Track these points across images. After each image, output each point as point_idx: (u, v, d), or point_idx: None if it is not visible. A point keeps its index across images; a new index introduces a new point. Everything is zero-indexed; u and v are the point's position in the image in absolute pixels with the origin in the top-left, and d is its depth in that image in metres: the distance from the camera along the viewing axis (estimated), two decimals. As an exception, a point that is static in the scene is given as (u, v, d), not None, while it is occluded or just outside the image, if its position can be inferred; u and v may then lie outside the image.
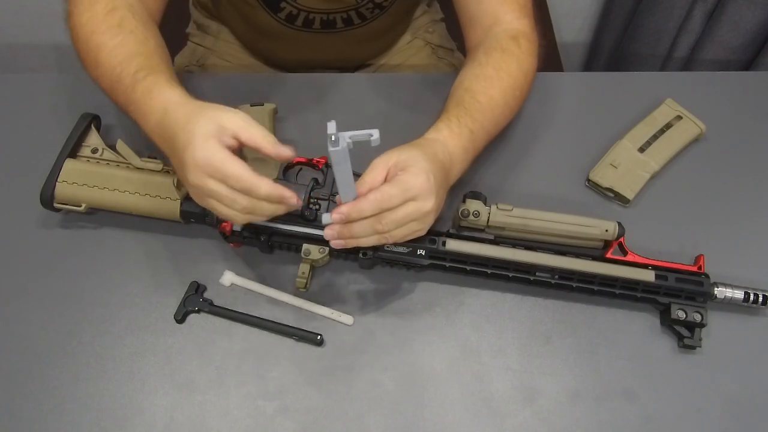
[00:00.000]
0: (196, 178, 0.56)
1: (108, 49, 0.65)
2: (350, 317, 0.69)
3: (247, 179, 0.56)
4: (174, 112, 0.60)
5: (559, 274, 0.69)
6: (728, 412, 0.66)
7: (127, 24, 0.67)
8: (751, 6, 1.21)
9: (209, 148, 0.56)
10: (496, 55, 0.74)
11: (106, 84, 0.66)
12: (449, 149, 0.66)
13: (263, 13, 0.88)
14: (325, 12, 0.88)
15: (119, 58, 0.64)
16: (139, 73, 0.63)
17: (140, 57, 0.65)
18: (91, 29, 0.67)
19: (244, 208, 0.57)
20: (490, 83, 0.72)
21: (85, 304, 0.70)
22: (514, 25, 0.76)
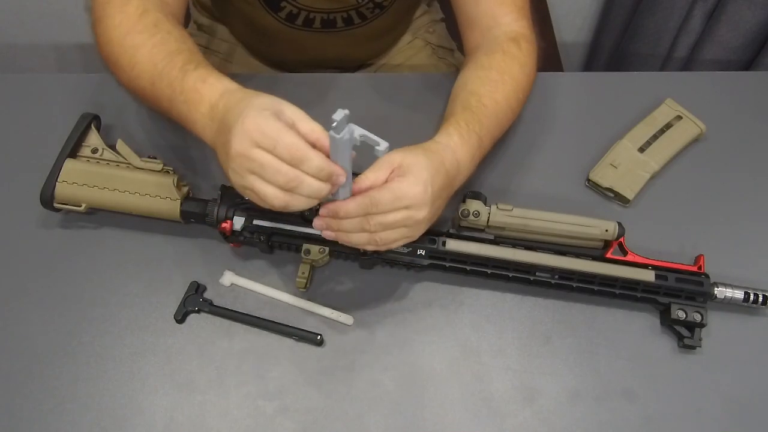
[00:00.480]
0: (241, 145, 0.52)
1: (148, 47, 0.64)
2: (350, 317, 0.69)
3: (302, 147, 0.52)
4: (233, 94, 0.58)
5: (559, 274, 0.69)
6: (728, 412, 0.66)
7: (163, 24, 0.66)
8: (751, 6, 1.20)
9: (264, 117, 0.53)
10: (498, 57, 0.74)
11: (145, 82, 0.65)
12: (458, 156, 0.65)
13: (263, 13, 0.88)
14: (326, 11, 0.88)
15: (161, 55, 0.63)
16: (188, 65, 0.62)
17: (185, 53, 0.64)
18: (126, 30, 0.66)
19: (289, 181, 0.52)
20: (494, 87, 0.72)
21: (85, 304, 0.70)
22: (513, 27, 0.77)
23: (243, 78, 0.89)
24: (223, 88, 0.60)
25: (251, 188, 0.54)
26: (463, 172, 0.67)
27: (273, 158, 0.52)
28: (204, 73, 0.61)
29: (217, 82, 0.61)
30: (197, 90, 0.60)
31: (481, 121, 0.69)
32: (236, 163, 0.54)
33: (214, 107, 0.59)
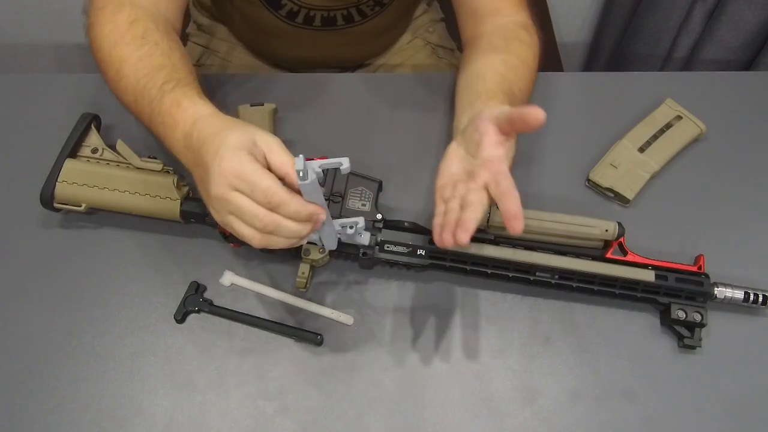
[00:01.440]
0: (219, 189, 0.53)
1: (133, 61, 0.64)
2: (350, 317, 0.69)
3: (278, 191, 0.52)
4: (205, 122, 0.57)
5: (559, 274, 0.69)
6: (728, 412, 0.66)
7: (151, 35, 0.65)
8: (751, 6, 1.20)
9: (239, 157, 0.52)
10: (516, 44, 0.74)
11: (129, 96, 0.64)
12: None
13: (264, 11, 0.88)
14: (326, 9, 0.88)
15: (145, 70, 0.63)
16: (166, 85, 0.61)
17: (167, 69, 0.63)
18: (114, 41, 0.65)
19: (265, 225, 0.53)
20: (518, 75, 0.72)
21: (85, 304, 0.70)
22: (517, 17, 0.77)
23: (243, 78, 0.90)
24: (195, 114, 0.59)
25: (231, 227, 0.55)
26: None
27: (250, 203, 0.52)
28: (179, 95, 0.60)
29: (190, 107, 0.59)
30: (171, 115, 0.60)
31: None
32: (216, 204, 0.55)
33: (188, 136, 0.58)
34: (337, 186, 0.70)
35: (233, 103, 0.78)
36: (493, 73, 0.71)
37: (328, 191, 0.70)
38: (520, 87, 0.71)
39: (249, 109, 0.77)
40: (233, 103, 0.78)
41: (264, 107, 0.77)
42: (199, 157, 0.56)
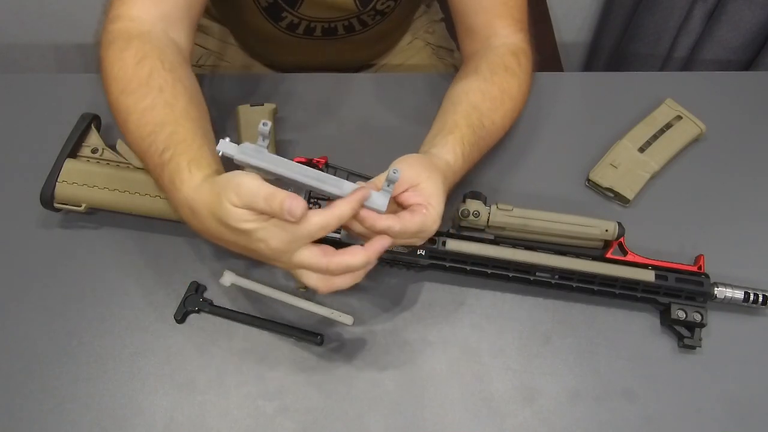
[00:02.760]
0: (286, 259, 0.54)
1: (137, 114, 0.61)
2: (350, 317, 0.69)
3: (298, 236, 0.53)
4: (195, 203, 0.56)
5: (559, 274, 0.69)
6: (728, 412, 0.66)
7: (156, 80, 0.62)
8: (751, 6, 1.21)
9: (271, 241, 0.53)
10: (500, 73, 0.74)
11: (136, 149, 0.63)
12: (457, 177, 0.68)
13: (264, 22, 0.88)
14: (327, 20, 0.88)
15: (147, 129, 0.61)
16: (165, 154, 0.59)
17: (168, 128, 0.60)
18: (121, 87, 0.63)
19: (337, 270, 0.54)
20: (494, 105, 0.72)
21: (85, 304, 0.70)
22: (512, 40, 0.77)
23: (243, 78, 0.90)
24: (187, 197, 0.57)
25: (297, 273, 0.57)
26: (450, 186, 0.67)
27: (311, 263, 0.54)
28: (173, 170, 0.58)
29: (182, 187, 0.57)
30: (173, 195, 0.59)
31: (479, 144, 0.70)
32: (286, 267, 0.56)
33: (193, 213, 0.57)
34: (337, 186, 0.70)
35: (233, 103, 0.78)
36: (467, 104, 0.71)
37: (328, 191, 0.70)
38: (494, 119, 0.72)
39: (249, 109, 0.77)
40: (233, 103, 0.78)
41: (264, 107, 0.77)
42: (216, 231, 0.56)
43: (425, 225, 0.59)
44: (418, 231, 0.58)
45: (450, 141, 0.68)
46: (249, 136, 0.75)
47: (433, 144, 0.68)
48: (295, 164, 0.55)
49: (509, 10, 0.77)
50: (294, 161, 0.55)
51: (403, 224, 0.57)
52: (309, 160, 0.72)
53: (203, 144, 0.60)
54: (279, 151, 0.76)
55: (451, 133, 0.68)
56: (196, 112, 0.64)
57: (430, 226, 0.59)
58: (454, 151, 0.67)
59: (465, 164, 0.68)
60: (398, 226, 0.57)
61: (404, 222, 0.57)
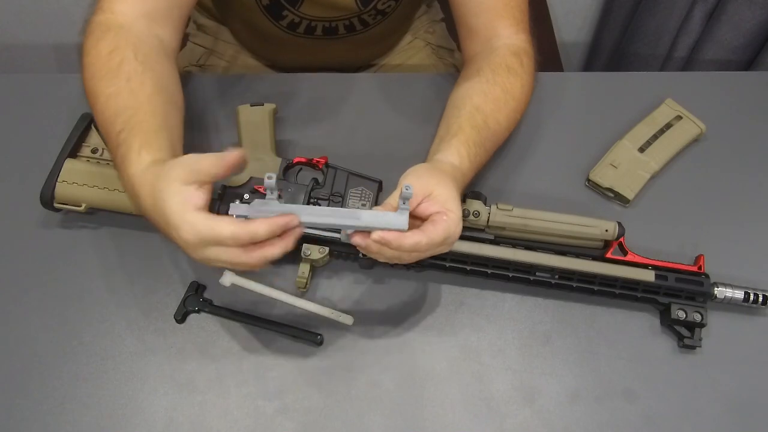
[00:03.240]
0: (196, 254, 0.55)
1: (103, 98, 0.64)
2: (350, 317, 0.69)
3: (241, 232, 0.53)
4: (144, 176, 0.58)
5: (559, 274, 0.69)
6: (728, 412, 0.66)
7: (125, 68, 0.64)
8: (751, 6, 1.21)
9: (190, 222, 0.53)
10: (502, 74, 0.74)
11: (102, 134, 0.66)
12: (466, 179, 0.68)
13: (265, 20, 0.88)
14: (327, 20, 0.88)
15: (110, 111, 0.63)
16: (121, 134, 0.61)
17: (127, 112, 0.62)
18: (92, 72, 0.65)
19: (255, 263, 0.54)
20: (498, 106, 0.73)
21: (85, 304, 0.70)
22: (513, 41, 0.77)
23: (243, 78, 0.90)
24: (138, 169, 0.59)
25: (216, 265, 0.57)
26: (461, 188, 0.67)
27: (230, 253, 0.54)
28: (126, 149, 0.60)
29: (135, 162, 0.59)
30: (122, 168, 0.61)
31: (485, 145, 0.71)
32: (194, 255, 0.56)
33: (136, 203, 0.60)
34: (337, 186, 0.70)
35: (233, 103, 0.78)
36: (470, 106, 0.72)
37: (328, 191, 0.70)
38: (498, 119, 0.72)
39: (249, 109, 0.77)
40: (233, 103, 0.78)
41: (264, 107, 0.77)
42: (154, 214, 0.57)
43: (449, 231, 0.58)
44: (445, 239, 0.58)
45: (454, 144, 0.68)
46: (249, 136, 0.75)
47: (438, 150, 0.68)
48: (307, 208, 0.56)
49: (510, 10, 0.77)
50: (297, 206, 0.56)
51: (429, 237, 0.57)
52: (309, 160, 0.72)
53: (159, 130, 0.62)
54: (279, 151, 0.76)
55: (455, 137, 0.68)
56: (161, 100, 0.65)
57: (454, 231, 0.59)
58: (459, 153, 0.67)
59: (472, 165, 0.68)
60: (425, 240, 0.57)
61: (430, 234, 0.57)
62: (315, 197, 0.69)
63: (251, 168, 0.72)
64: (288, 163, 0.72)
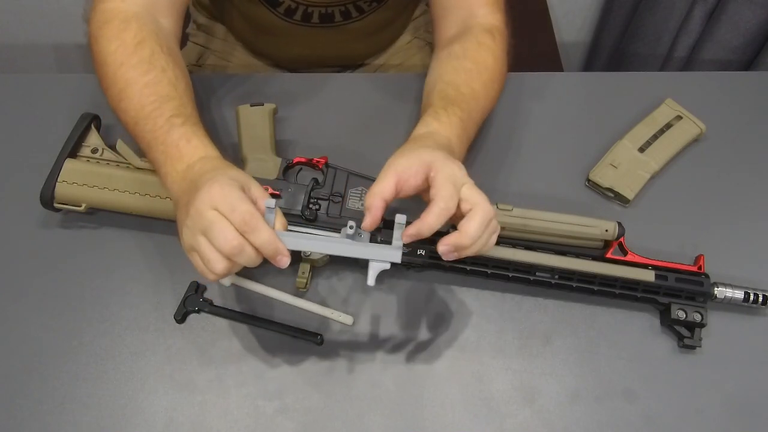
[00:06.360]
0: (200, 205, 0.54)
1: (139, 86, 0.64)
2: (350, 317, 0.69)
3: (256, 217, 0.53)
4: (210, 160, 0.61)
5: (559, 274, 0.69)
6: (728, 412, 0.66)
7: (158, 60, 0.66)
8: (751, 6, 1.21)
9: (230, 185, 0.54)
10: (472, 48, 0.74)
11: (129, 118, 0.65)
12: (445, 136, 0.65)
13: (262, 8, 0.88)
14: (323, 5, 0.88)
15: (152, 98, 0.64)
16: (175, 119, 0.63)
17: (174, 101, 0.64)
18: (120, 61, 0.65)
19: (232, 247, 0.53)
20: (470, 76, 0.72)
21: (85, 304, 0.70)
22: (488, 20, 0.77)
23: (243, 78, 0.90)
24: (204, 153, 0.62)
25: (198, 249, 0.55)
26: (455, 151, 0.66)
27: (224, 222, 0.53)
28: (189, 132, 0.62)
29: (200, 146, 0.62)
30: (179, 148, 0.61)
31: (460, 105, 0.69)
32: (192, 221, 0.55)
33: (190, 168, 0.60)
34: (337, 186, 0.70)
35: (233, 103, 0.78)
36: (442, 83, 0.71)
37: (328, 191, 0.70)
38: (473, 87, 0.71)
39: (249, 109, 0.77)
40: (233, 103, 0.78)
41: (264, 107, 0.77)
42: (192, 185, 0.57)
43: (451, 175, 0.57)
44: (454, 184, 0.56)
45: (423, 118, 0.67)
46: (249, 136, 0.75)
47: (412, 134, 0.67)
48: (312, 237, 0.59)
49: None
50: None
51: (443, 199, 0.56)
52: (309, 160, 0.72)
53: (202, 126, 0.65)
54: (279, 151, 0.76)
55: (425, 114, 0.68)
56: (191, 96, 0.68)
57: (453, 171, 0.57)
58: (424, 122, 0.66)
59: (446, 123, 0.66)
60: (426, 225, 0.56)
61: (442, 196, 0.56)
62: (315, 197, 0.69)
63: (251, 168, 0.72)
64: (288, 163, 0.72)
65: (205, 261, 0.54)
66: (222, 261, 0.54)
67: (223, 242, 0.53)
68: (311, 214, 0.68)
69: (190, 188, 0.57)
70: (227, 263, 0.54)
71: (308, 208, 0.68)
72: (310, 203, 0.69)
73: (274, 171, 0.71)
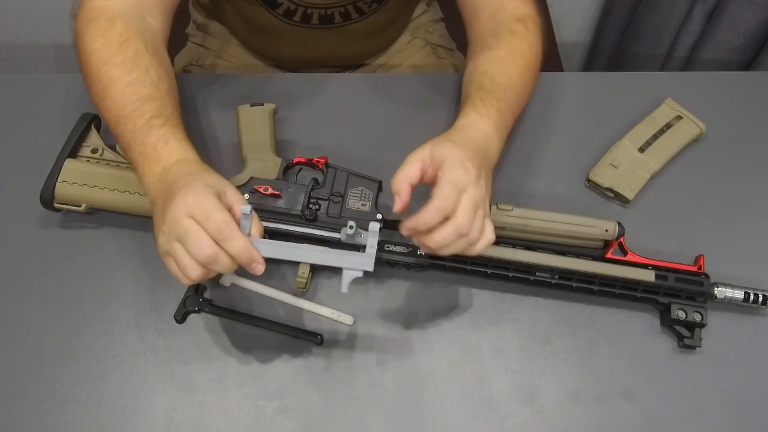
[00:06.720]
0: (176, 213, 0.54)
1: (121, 85, 0.64)
2: (350, 317, 0.69)
3: (231, 225, 0.54)
4: (187, 164, 0.61)
5: (559, 274, 0.69)
6: (728, 412, 0.66)
7: (142, 60, 0.66)
8: (751, 6, 1.21)
9: (206, 193, 0.55)
10: (506, 37, 0.74)
11: (111, 116, 0.65)
12: (482, 130, 0.66)
13: (261, 10, 0.88)
14: (323, 7, 0.88)
15: (133, 98, 0.64)
16: (155, 119, 0.63)
17: (155, 102, 0.64)
18: (104, 59, 0.66)
19: (206, 257, 0.54)
20: (505, 65, 0.72)
21: (85, 304, 0.70)
22: (519, 9, 0.76)
23: (243, 78, 0.90)
24: (181, 155, 0.62)
25: (173, 255, 0.56)
26: (492, 143, 0.66)
27: (199, 230, 0.54)
28: (168, 133, 0.63)
29: (177, 148, 0.62)
30: (156, 149, 0.62)
31: (496, 95, 0.69)
32: (168, 227, 0.55)
33: (167, 170, 0.61)
34: (337, 186, 0.70)
35: (233, 103, 0.78)
36: (478, 75, 0.72)
37: (328, 191, 0.70)
38: (509, 75, 0.71)
39: (249, 109, 0.77)
40: (233, 103, 0.78)
41: (264, 107, 0.77)
42: (168, 189, 0.58)
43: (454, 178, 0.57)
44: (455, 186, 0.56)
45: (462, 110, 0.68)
46: (249, 136, 0.75)
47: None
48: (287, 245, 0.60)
49: None
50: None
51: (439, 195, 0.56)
52: (309, 160, 0.72)
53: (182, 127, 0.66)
54: (279, 151, 0.76)
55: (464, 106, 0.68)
56: (175, 96, 0.68)
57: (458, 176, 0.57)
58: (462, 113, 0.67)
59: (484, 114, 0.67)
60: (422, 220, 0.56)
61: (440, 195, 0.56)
62: (315, 197, 0.69)
63: (251, 168, 0.72)
64: (288, 163, 0.72)
65: (181, 267, 0.56)
66: (197, 268, 0.55)
67: (198, 251, 0.54)
68: (311, 214, 0.68)
69: (167, 192, 0.58)
70: (202, 270, 0.55)
71: (308, 208, 0.68)
72: (310, 203, 0.69)
73: (274, 171, 0.71)
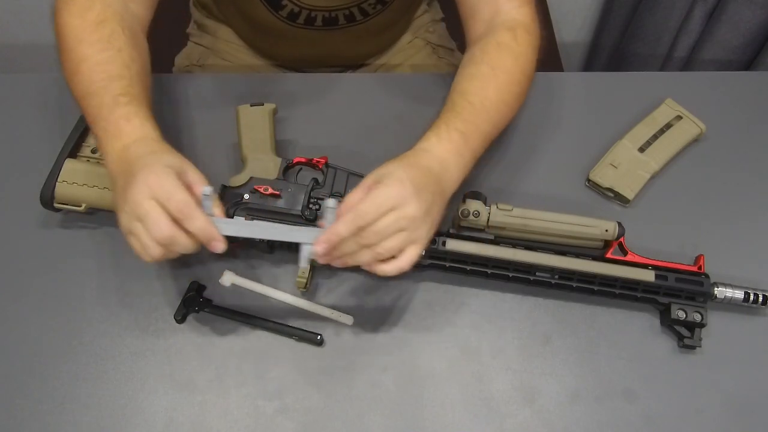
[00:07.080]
0: (137, 194, 0.56)
1: (92, 62, 0.66)
2: (350, 317, 0.69)
3: (191, 206, 0.56)
4: (147, 142, 0.62)
5: (559, 274, 0.69)
6: (728, 412, 0.66)
7: (116, 40, 0.67)
8: (751, 6, 1.21)
9: (166, 173, 0.57)
10: (491, 50, 0.73)
11: (79, 92, 0.66)
12: (437, 154, 0.65)
13: (264, 11, 0.88)
14: (327, 9, 0.88)
15: (102, 75, 0.65)
16: (121, 97, 0.64)
17: (123, 81, 0.65)
18: (79, 37, 0.67)
19: (165, 238, 0.56)
20: (485, 82, 0.71)
21: (85, 304, 0.70)
22: (513, 15, 0.75)
23: (243, 78, 0.90)
24: (141, 133, 0.63)
25: (135, 235, 0.58)
26: (450, 168, 0.65)
27: (160, 211, 0.56)
28: (131, 111, 0.63)
29: (139, 126, 0.63)
30: (119, 126, 0.63)
31: (464, 118, 0.68)
32: (129, 207, 0.57)
33: (127, 148, 0.61)
34: (337, 186, 0.70)
35: (233, 103, 0.78)
36: (455, 92, 0.71)
37: (328, 191, 0.70)
38: (486, 95, 0.70)
39: (249, 109, 0.77)
40: (233, 103, 0.78)
41: (264, 107, 0.77)
42: (129, 167, 0.59)
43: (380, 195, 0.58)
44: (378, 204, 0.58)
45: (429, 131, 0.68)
46: (249, 136, 0.75)
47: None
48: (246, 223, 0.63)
49: None
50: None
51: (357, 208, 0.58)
52: (309, 160, 0.72)
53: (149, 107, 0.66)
54: (279, 151, 0.75)
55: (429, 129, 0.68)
56: (146, 79, 0.69)
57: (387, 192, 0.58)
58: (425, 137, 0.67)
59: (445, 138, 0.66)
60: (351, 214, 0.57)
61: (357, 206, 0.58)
62: (315, 197, 0.69)
63: (251, 168, 0.72)
64: (288, 163, 0.72)
65: (143, 245, 0.58)
66: (157, 248, 0.57)
67: (158, 232, 0.56)
68: (311, 214, 0.68)
69: (126, 171, 0.59)
70: (163, 249, 0.58)
71: (308, 208, 0.68)
72: (310, 203, 0.69)
73: (274, 171, 0.71)
